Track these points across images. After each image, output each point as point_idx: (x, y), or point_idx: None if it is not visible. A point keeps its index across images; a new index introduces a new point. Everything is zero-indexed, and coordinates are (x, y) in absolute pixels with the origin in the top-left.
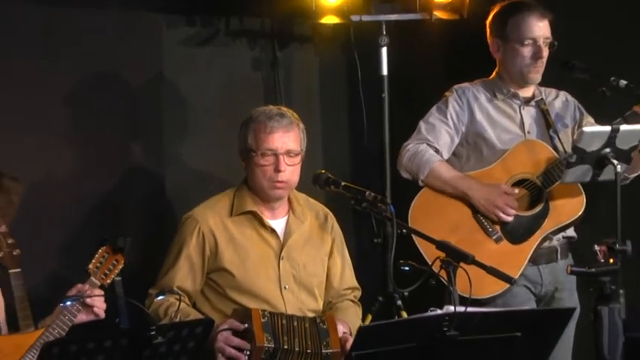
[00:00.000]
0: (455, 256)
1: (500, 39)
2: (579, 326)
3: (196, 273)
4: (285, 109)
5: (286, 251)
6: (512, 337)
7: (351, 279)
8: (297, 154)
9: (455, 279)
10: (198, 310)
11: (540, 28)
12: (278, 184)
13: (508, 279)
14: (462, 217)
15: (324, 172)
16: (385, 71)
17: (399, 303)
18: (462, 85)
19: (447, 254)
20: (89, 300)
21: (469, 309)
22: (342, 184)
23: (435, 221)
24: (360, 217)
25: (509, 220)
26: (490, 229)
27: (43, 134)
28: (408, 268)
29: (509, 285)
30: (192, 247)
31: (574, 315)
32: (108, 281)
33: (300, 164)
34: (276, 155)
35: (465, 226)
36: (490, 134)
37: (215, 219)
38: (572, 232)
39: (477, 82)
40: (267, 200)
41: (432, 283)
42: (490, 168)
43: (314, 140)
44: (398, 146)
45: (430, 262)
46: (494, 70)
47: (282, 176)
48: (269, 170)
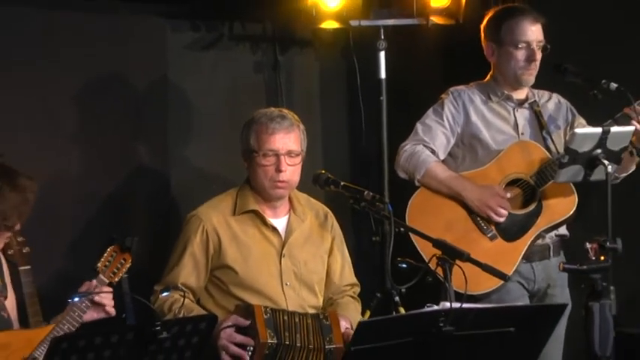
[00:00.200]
0: (451, 254)
1: (495, 43)
2: (571, 322)
3: (200, 270)
4: (286, 111)
5: (287, 249)
6: (506, 333)
7: (351, 275)
8: (297, 154)
9: (451, 276)
10: (202, 307)
11: (533, 32)
12: (279, 183)
13: (502, 276)
14: (458, 216)
15: (324, 173)
16: (383, 75)
17: (396, 299)
18: (458, 88)
19: (443, 252)
20: (98, 298)
21: (464, 305)
22: (342, 183)
23: (432, 220)
24: (359, 216)
25: (500, 221)
26: (485, 227)
27: (54, 135)
28: (405, 265)
29: (503, 281)
30: (196, 245)
31: (566, 311)
32: (116, 279)
33: (301, 164)
34: (278, 156)
35: (461, 225)
36: (485, 135)
37: (218, 218)
38: (564, 230)
39: (472, 84)
40: (268, 199)
41: (429, 280)
42: (485, 168)
43: (314, 141)
44: (395, 147)
45: (427, 260)
46: (489, 74)
47: (283, 176)
48: (270, 170)
